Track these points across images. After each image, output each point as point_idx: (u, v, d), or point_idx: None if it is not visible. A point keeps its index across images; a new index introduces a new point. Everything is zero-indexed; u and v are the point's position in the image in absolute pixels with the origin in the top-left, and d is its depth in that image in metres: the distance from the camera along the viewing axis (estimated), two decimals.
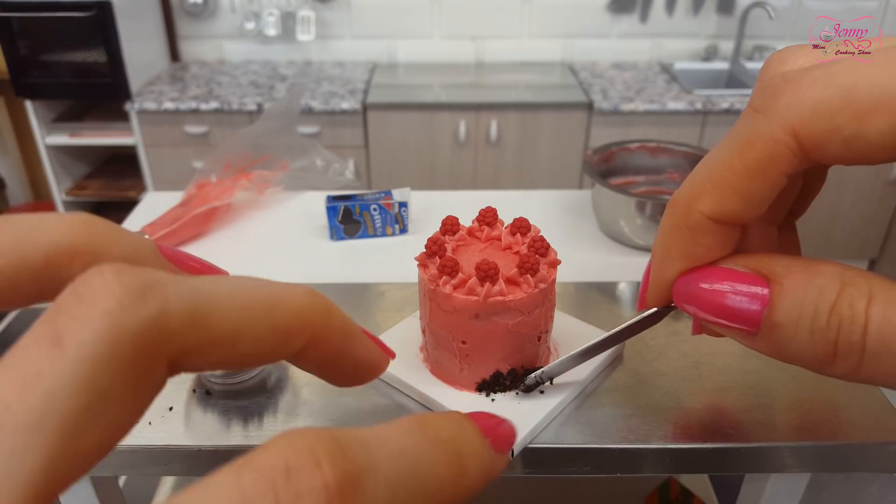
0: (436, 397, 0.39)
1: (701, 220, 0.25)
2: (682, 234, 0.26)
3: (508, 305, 0.36)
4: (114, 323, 0.16)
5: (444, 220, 0.41)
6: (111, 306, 0.16)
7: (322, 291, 0.49)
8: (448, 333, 0.38)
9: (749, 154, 0.24)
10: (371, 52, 2.21)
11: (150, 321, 0.17)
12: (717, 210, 0.25)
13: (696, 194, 0.25)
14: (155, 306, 0.17)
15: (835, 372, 0.23)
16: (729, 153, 0.24)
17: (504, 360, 0.39)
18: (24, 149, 2.38)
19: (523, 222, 0.40)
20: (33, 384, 0.14)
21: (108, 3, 1.79)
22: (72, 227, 0.19)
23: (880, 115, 0.21)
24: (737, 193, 0.24)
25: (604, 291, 0.53)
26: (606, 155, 0.72)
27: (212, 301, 0.19)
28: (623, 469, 0.38)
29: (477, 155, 1.94)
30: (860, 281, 0.22)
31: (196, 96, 1.88)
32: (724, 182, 0.24)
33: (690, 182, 0.26)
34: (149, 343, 0.17)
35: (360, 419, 0.39)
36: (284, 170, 0.74)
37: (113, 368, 0.16)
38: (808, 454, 0.38)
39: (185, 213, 0.64)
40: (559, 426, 0.39)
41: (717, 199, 0.25)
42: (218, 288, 0.20)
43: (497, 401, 0.39)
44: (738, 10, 2.11)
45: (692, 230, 0.26)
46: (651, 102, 1.84)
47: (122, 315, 0.16)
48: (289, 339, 0.22)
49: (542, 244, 0.39)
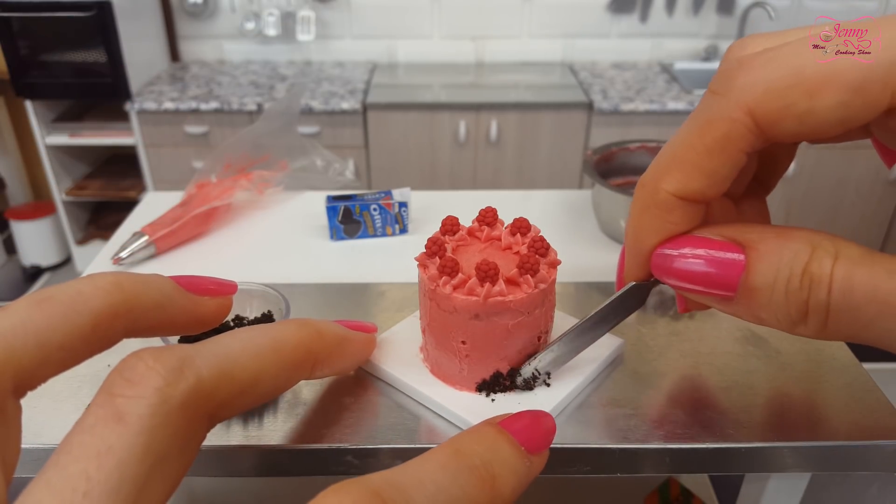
0: (436, 397, 0.39)
1: (668, 199, 0.26)
2: (652, 212, 0.27)
3: (508, 306, 0.36)
4: (164, 397, 0.19)
5: (444, 220, 0.41)
6: (159, 384, 0.19)
7: (322, 291, 0.53)
8: (448, 334, 0.38)
9: (709, 134, 0.24)
10: (371, 52, 2.21)
11: (191, 390, 0.20)
12: (682, 188, 0.26)
13: (662, 174, 0.26)
14: (192, 377, 0.20)
15: (806, 331, 0.24)
16: (690, 134, 0.25)
17: (504, 360, 0.39)
18: (24, 149, 2.38)
19: (523, 222, 0.40)
20: (107, 456, 0.17)
21: (108, 3, 1.79)
22: (107, 293, 0.22)
23: (829, 91, 0.22)
24: (699, 171, 0.25)
25: (604, 291, 0.53)
26: (606, 155, 0.72)
27: (231, 359, 0.23)
28: (623, 469, 0.38)
29: (477, 155, 1.94)
30: (827, 243, 0.23)
31: (196, 96, 1.88)
32: (687, 161, 0.25)
33: (656, 164, 0.27)
34: (192, 407, 0.20)
35: (360, 419, 0.39)
36: (284, 170, 0.74)
37: (168, 434, 0.19)
38: (808, 454, 0.38)
39: (185, 213, 0.64)
40: (559, 426, 0.39)
41: (681, 177, 0.26)
42: (232, 345, 0.23)
43: (497, 401, 0.39)
44: (738, 10, 2.11)
45: (660, 208, 0.27)
46: (651, 102, 1.84)
47: (168, 390, 0.19)
48: (298, 369, 0.27)
49: (542, 244, 0.39)
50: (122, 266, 0.61)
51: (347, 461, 0.37)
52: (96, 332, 0.22)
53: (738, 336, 0.46)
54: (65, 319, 0.21)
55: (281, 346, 0.26)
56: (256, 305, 0.46)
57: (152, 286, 0.24)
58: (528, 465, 0.23)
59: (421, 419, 0.39)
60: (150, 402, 0.19)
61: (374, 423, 0.38)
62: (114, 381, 0.19)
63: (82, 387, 0.41)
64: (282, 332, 0.27)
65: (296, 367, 0.27)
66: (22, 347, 0.19)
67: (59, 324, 0.20)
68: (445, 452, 0.20)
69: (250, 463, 0.38)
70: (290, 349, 0.27)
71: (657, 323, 0.48)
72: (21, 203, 2.38)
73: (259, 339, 0.25)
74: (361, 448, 0.37)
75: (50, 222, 2.22)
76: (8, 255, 2.37)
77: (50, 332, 0.20)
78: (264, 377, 0.24)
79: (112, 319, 0.22)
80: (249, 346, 0.24)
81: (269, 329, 0.26)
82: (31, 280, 2.26)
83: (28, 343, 0.20)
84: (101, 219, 2.25)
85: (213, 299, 0.28)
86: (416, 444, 0.37)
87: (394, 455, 0.38)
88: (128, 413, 0.18)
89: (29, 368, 0.20)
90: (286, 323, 0.28)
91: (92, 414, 0.18)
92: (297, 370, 0.28)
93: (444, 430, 0.38)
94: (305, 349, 0.28)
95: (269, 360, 0.25)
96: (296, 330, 0.27)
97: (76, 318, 0.21)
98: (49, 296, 0.21)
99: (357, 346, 0.35)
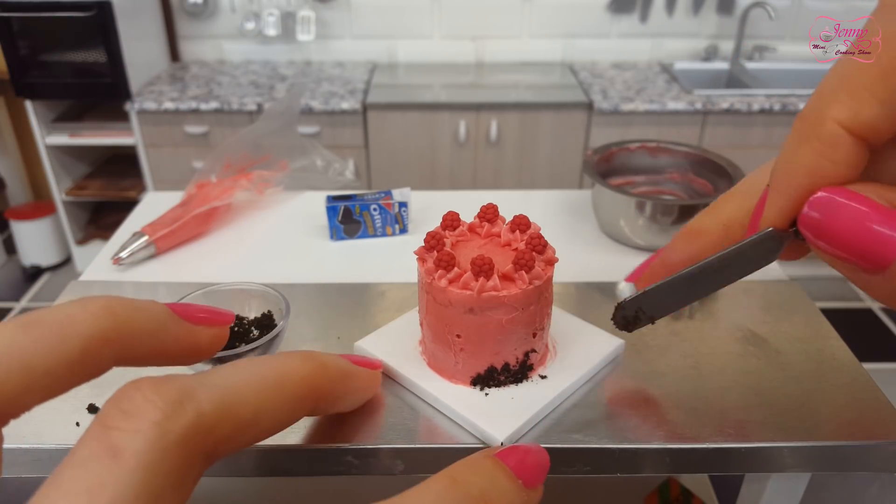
0: (430, 389, 0.40)
1: (834, 131, 0.23)
2: (813, 146, 0.23)
3: (502, 301, 0.37)
4: (162, 432, 0.18)
5: (445, 215, 0.41)
6: (157, 417, 0.18)
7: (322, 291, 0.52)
8: (444, 327, 0.39)
9: (884, 52, 0.21)
10: (371, 52, 2.21)
11: (191, 425, 0.19)
12: (853, 117, 0.22)
13: (828, 102, 0.23)
14: (193, 411, 0.19)
15: None
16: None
17: (498, 355, 0.39)
18: (24, 149, 2.38)
19: (523, 219, 0.41)
20: (98, 493, 0.16)
21: (108, 3, 1.79)
22: (96, 317, 0.21)
23: None
24: (873, 96, 0.22)
25: (604, 291, 0.53)
26: (606, 155, 0.72)
27: (234, 393, 0.22)
28: (623, 469, 0.38)
29: (477, 155, 1.94)
30: None
31: (196, 96, 1.88)
32: (859, 84, 0.22)
33: (818, 94, 0.24)
34: (191, 444, 0.19)
35: (360, 419, 0.39)
36: (284, 170, 0.74)
37: (164, 471, 0.18)
38: (808, 454, 0.38)
39: (185, 213, 0.64)
40: (559, 426, 0.39)
41: (853, 104, 0.22)
42: (235, 377, 0.22)
43: (490, 395, 0.39)
44: (738, 10, 2.11)
45: (823, 142, 0.23)
46: (651, 102, 1.84)
47: (167, 424, 0.18)
48: (301, 405, 0.26)
49: (540, 241, 0.39)
50: (122, 266, 0.61)
51: (347, 461, 0.37)
52: (85, 359, 0.21)
53: (738, 336, 0.46)
54: (52, 345, 0.20)
55: (285, 379, 0.25)
56: (256, 305, 0.46)
57: (146, 313, 0.23)
58: (525, 498, 0.22)
59: (421, 419, 0.39)
60: (146, 437, 0.18)
61: (374, 423, 0.38)
62: (109, 413, 0.18)
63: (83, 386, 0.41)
64: (286, 364, 0.25)
65: (299, 402, 0.26)
66: (5, 373, 0.18)
67: (46, 349, 0.19)
68: (442, 482, 0.20)
69: (250, 463, 0.38)
70: (294, 384, 0.25)
71: (657, 323, 0.48)
72: (21, 203, 2.38)
73: (263, 371, 0.24)
74: (361, 448, 0.37)
75: (50, 222, 2.22)
76: (8, 255, 2.37)
77: (35, 357, 0.19)
78: (266, 413, 0.23)
79: (102, 346, 0.21)
80: (253, 379, 0.23)
81: (273, 361, 0.25)
82: (31, 280, 2.26)
83: (12, 368, 0.19)
84: (101, 219, 2.25)
85: (208, 329, 0.27)
86: (416, 444, 0.37)
87: (394, 455, 0.38)
88: (123, 448, 0.17)
89: (11, 396, 0.19)
90: (290, 355, 0.27)
91: (85, 446, 0.17)
92: (300, 406, 0.26)
93: (445, 431, 0.38)
94: (310, 384, 0.26)
95: (272, 394, 0.24)
96: (300, 363, 0.26)
97: (64, 343, 0.20)
98: (37, 319, 0.20)
99: (362, 383, 0.33)
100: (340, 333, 0.47)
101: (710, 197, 0.66)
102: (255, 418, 0.22)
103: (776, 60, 2.15)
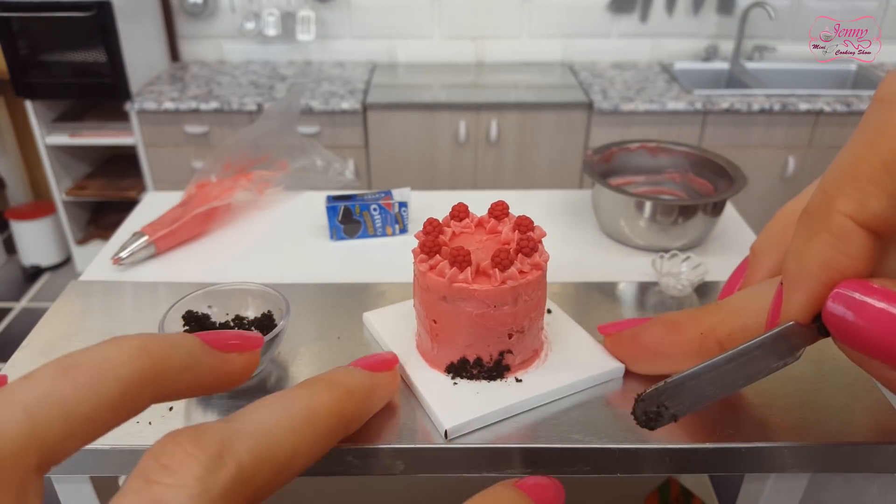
0: (409, 371, 0.41)
1: (844, 224, 0.22)
2: (824, 240, 0.23)
3: (473, 294, 0.37)
4: (206, 487, 0.18)
5: (455, 205, 0.42)
6: (199, 472, 0.19)
7: (322, 291, 0.52)
8: (424, 311, 0.40)
9: (884, 143, 0.21)
10: (371, 52, 2.21)
11: (232, 478, 0.19)
12: (860, 210, 0.22)
13: (833, 196, 0.23)
14: (233, 463, 0.20)
15: None
16: (861, 147, 0.22)
17: (470, 348, 0.39)
18: (24, 149, 2.38)
19: (525, 221, 0.40)
20: None
21: (108, 3, 1.79)
22: (133, 358, 0.21)
23: None
24: (879, 188, 0.22)
25: (604, 291, 0.53)
26: (606, 155, 0.72)
27: (269, 438, 0.22)
28: (623, 469, 0.38)
29: (477, 155, 1.94)
30: None
31: (196, 96, 1.88)
32: (863, 177, 0.22)
33: (822, 188, 0.23)
34: (233, 495, 0.19)
35: None
36: (284, 170, 0.74)
37: None
38: (808, 454, 0.38)
39: (185, 213, 0.64)
40: (558, 426, 0.39)
41: (859, 196, 0.22)
42: (268, 422, 0.23)
43: (459, 385, 0.40)
44: (738, 10, 2.11)
45: (834, 235, 0.23)
46: (651, 102, 1.84)
47: (210, 479, 0.19)
48: (332, 437, 0.27)
49: (528, 244, 0.38)
50: (122, 266, 0.61)
51: (348, 461, 0.37)
52: (123, 402, 0.20)
53: None
54: (91, 389, 0.20)
55: (315, 415, 0.25)
56: (256, 305, 0.46)
57: (180, 349, 0.23)
58: None
59: (421, 419, 0.39)
60: (191, 492, 0.18)
61: (374, 423, 0.38)
62: (149, 467, 0.18)
63: None
64: (314, 399, 0.26)
65: (331, 434, 0.26)
66: (47, 421, 0.18)
67: (86, 395, 0.19)
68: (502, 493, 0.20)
69: None
70: (324, 418, 0.26)
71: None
72: (21, 203, 2.38)
73: (294, 410, 0.24)
74: (361, 448, 0.37)
75: (50, 222, 2.22)
76: (8, 255, 2.37)
77: (76, 403, 0.19)
78: (301, 452, 0.24)
79: (140, 387, 0.21)
80: (284, 419, 0.23)
81: (301, 397, 0.25)
82: (31, 280, 2.26)
83: (54, 416, 0.18)
84: (101, 219, 2.25)
85: (240, 355, 0.27)
86: (416, 444, 0.37)
87: (394, 455, 0.38)
88: (167, 503, 0.17)
89: (54, 443, 0.18)
90: (316, 387, 0.27)
91: (128, 500, 0.18)
92: (332, 439, 0.27)
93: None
94: (339, 414, 0.27)
95: (305, 432, 0.24)
96: (327, 395, 0.27)
97: (103, 387, 0.20)
98: (74, 363, 0.20)
99: (383, 391, 0.34)
100: (340, 333, 0.47)
101: (710, 197, 0.66)
102: (290, 460, 0.23)
103: (776, 60, 2.15)
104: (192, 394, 0.25)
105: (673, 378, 0.30)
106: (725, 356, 0.29)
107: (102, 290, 0.54)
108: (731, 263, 0.63)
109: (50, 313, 0.50)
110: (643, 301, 0.52)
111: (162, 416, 0.39)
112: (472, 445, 0.37)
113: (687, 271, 0.53)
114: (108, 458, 0.38)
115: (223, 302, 0.46)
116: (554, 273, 0.47)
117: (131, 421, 0.38)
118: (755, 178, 1.90)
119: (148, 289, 0.54)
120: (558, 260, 0.46)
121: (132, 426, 0.38)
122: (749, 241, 0.67)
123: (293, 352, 0.45)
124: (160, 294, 0.53)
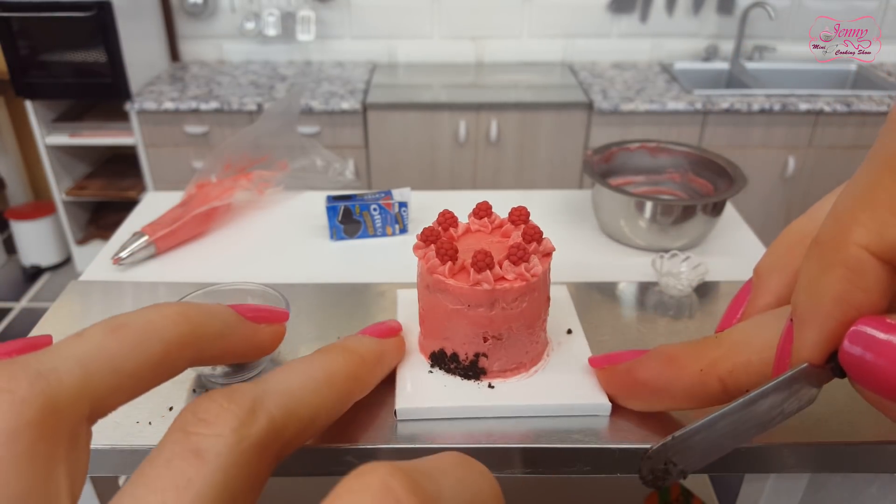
0: None
1: (859, 256, 0.21)
2: (838, 274, 0.21)
3: (447, 288, 0.38)
4: (240, 437, 0.20)
5: (479, 203, 0.43)
6: (234, 424, 0.20)
7: (322, 291, 0.53)
8: (419, 294, 0.41)
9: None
10: (371, 52, 2.21)
11: (265, 430, 0.21)
12: (878, 240, 0.20)
13: (847, 226, 0.21)
14: (265, 417, 0.21)
15: None
16: (877, 172, 0.20)
17: (447, 342, 0.40)
18: (24, 149, 2.38)
19: (532, 230, 0.40)
20: (185, 490, 0.18)
21: (108, 3, 1.79)
22: (175, 323, 0.23)
23: None
24: (895, 215, 0.20)
25: (604, 291, 0.53)
26: (606, 155, 0.72)
27: (295, 397, 0.24)
28: (623, 469, 0.38)
29: (477, 155, 1.94)
30: None
31: (196, 96, 1.88)
32: (879, 204, 0.20)
33: (835, 217, 0.22)
34: (265, 447, 0.21)
35: (361, 419, 0.39)
36: (284, 170, 0.74)
37: (243, 473, 0.19)
38: (808, 454, 0.38)
39: (185, 213, 0.64)
40: (558, 426, 0.39)
41: (875, 226, 0.20)
42: (293, 382, 0.24)
43: (433, 374, 0.41)
44: (738, 10, 2.11)
45: (849, 268, 0.21)
46: (651, 102, 1.84)
47: (244, 430, 0.20)
48: (348, 398, 0.30)
49: (518, 251, 0.38)
50: (122, 266, 0.61)
51: (347, 461, 0.37)
52: (165, 362, 0.22)
53: None
54: (138, 348, 0.21)
55: (333, 378, 0.27)
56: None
57: (216, 317, 0.25)
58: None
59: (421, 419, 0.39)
60: (227, 441, 0.19)
61: (374, 423, 0.38)
62: (188, 420, 0.20)
63: None
64: (331, 364, 0.28)
65: (347, 396, 0.29)
66: (98, 374, 0.20)
67: (132, 352, 0.21)
68: (455, 455, 0.21)
69: None
70: (342, 381, 0.28)
71: (657, 323, 0.48)
72: (21, 203, 2.38)
73: (314, 373, 0.26)
74: (361, 448, 0.37)
75: (50, 222, 2.22)
76: (8, 255, 2.37)
77: (123, 359, 0.21)
78: (322, 411, 0.26)
79: (180, 349, 0.23)
80: (308, 381, 0.25)
81: (321, 361, 0.27)
82: (31, 280, 2.26)
83: (104, 369, 0.20)
84: (101, 219, 2.25)
85: (269, 326, 0.29)
86: (416, 445, 0.37)
87: (394, 455, 0.38)
88: (206, 450, 0.19)
89: (104, 395, 0.20)
90: (331, 354, 0.29)
91: (167, 449, 0.19)
92: (348, 399, 0.29)
93: (445, 431, 0.38)
94: (354, 378, 0.29)
95: (325, 394, 0.26)
96: (343, 361, 0.29)
97: (148, 346, 0.21)
98: (122, 323, 0.22)
99: (392, 356, 0.38)
100: (340, 333, 0.47)
101: (710, 197, 0.66)
102: (313, 418, 0.25)
103: (776, 60, 2.15)
104: (225, 360, 0.27)
105: (680, 432, 0.28)
106: (736, 405, 0.27)
107: (102, 290, 0.54)
108: (731, 263, 0.63)
109: (50, 313, 0.50)
110: (643, 301, 0.52)
111: (162, 416, 0.39)
112: (472, 445, 0.37)
113: (687, 271, 0.53)
114: (108, 458, 0.38)
115: (223, 302, 0.46)
116: (554, 273, 0.47)
117: (131, 421, 0.38)
118: (755, 178, 1.90)
119: (148, 289, 0.54)
120: (558, 260, 0.46)
121: (132, 426, 0.38)
122: (749, 241, 0.67)
123: (293, 352, 0.45)
124: (160, 294, 0.53)
